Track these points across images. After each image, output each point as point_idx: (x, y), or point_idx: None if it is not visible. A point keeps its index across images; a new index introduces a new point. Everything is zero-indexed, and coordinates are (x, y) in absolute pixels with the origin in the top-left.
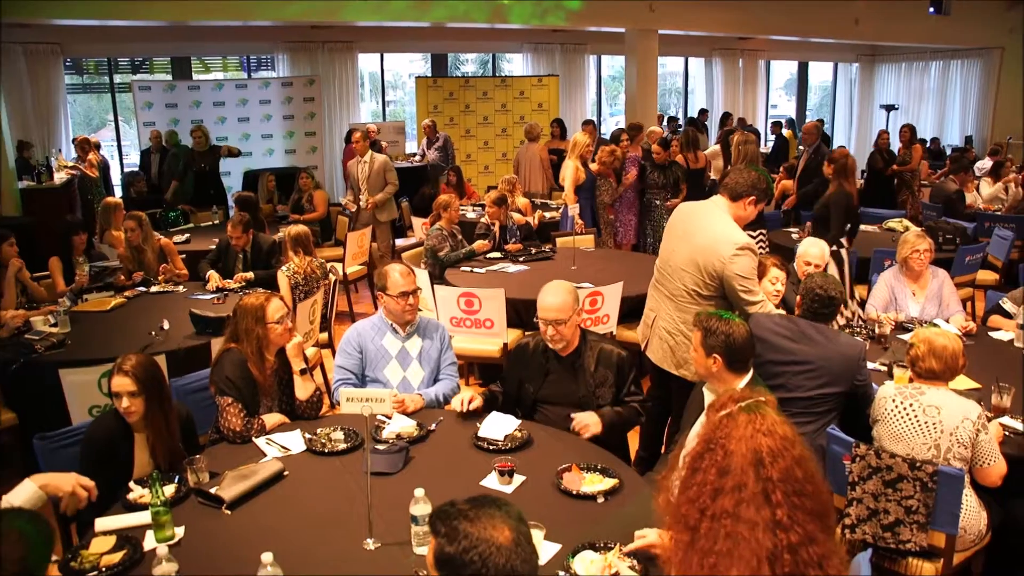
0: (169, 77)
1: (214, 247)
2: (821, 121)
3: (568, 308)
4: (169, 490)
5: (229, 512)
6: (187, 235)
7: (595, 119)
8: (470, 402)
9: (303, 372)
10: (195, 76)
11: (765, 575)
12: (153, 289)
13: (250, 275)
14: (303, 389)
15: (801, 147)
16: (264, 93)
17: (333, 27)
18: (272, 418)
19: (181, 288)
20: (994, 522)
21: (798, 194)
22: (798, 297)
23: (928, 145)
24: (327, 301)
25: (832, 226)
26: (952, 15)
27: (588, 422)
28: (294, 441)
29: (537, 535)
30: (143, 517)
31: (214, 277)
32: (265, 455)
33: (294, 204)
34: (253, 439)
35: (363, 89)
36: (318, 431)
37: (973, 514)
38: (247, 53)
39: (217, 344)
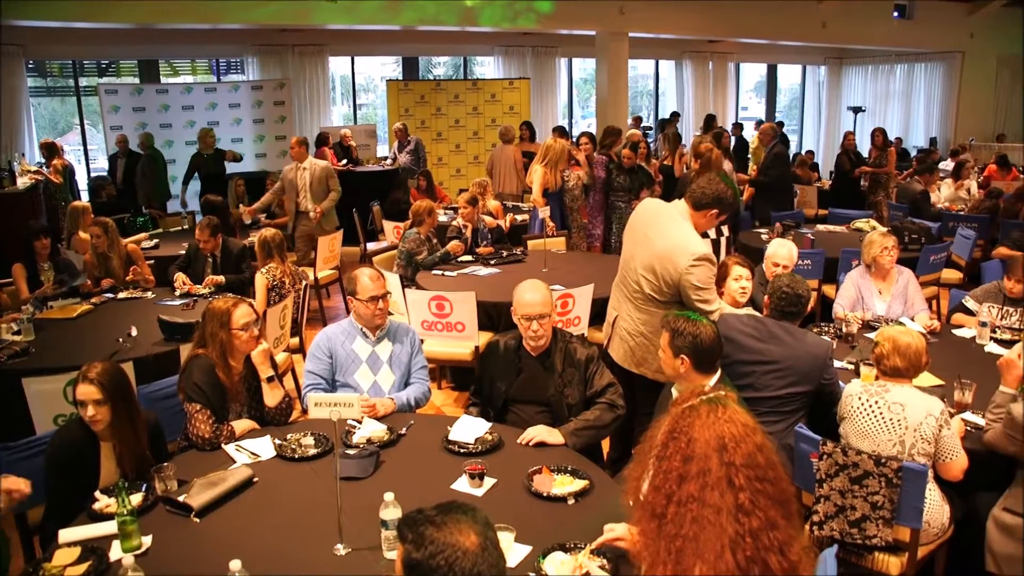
0: (137, 80)
1: (183, 252)
2: (781, 124)
3: (549, 302)
4: (136, 499)
5: (198, 520)
6: (155, 241)
7: (566, 122)
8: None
9: (270, 379)
10: (163, 79)
11: (727, 560)
12: (121, 295)
13: (220, 279)
14: (271, 396)
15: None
16: (234, 96)
17: (303, 30)
18: (242, 424)
19: (149, 294)
20: (957, 515)
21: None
22: (766, 297)
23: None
24: (298, 306)
25: None
26: (915, 19)
27: (533, 435)
28: (264, 447)
29: (507, 537)
30: (109, 527)
31: (181, 278)
32: (235, 462)
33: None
34: (222, 446)
35: (334, 92)
36: (288, 437)
37: (936, 508)
38: (216, 56)
39: (186, 350)
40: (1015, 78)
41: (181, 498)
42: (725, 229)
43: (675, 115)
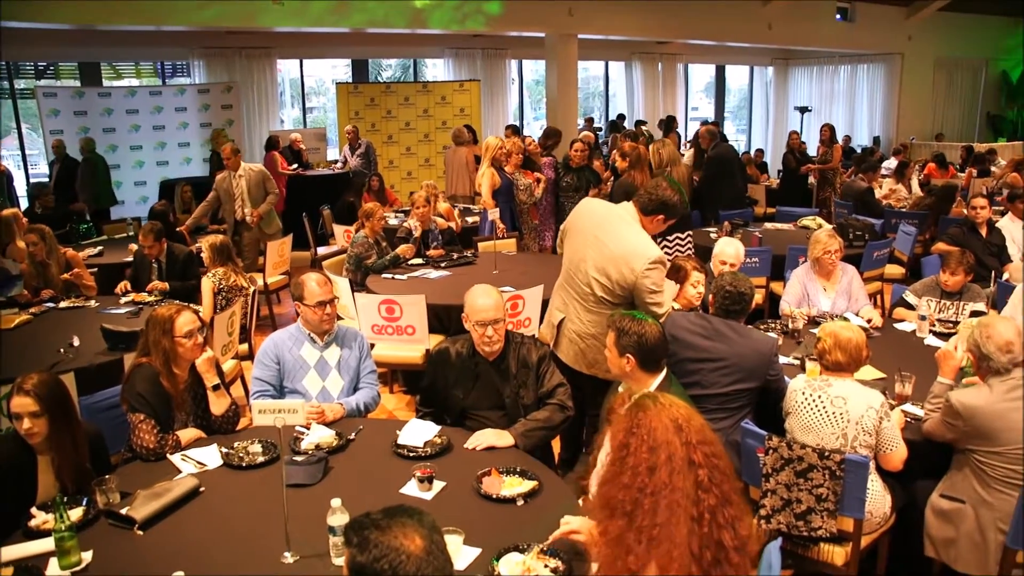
0: (77, 83)
1: (131, 259)
2: (716, 124)
3: (502, 307)
4: (76, 513)
5: (141, 532)
6: (99, 248)
7: (517, 123)
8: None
9: (216, 387)
10: (105, 82)
11: (693, 540)
12: (62, 304)
13: (164, 285)
14: (217, 404)
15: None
16: (180, 100)
17: (250, 32)
18: (187, 433)
19: (92, 303)
20: (898, 504)
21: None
22: (711, 296)
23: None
24: (246, 311)
25: None
26: (857, 22)
27: (481, 440)
28: (210, 456)
29: (456, 540)
30: (46, 544)
31: (123, 285)
32: (180, 472)
33: (212, 214)
34: (168, 456)
35: (284, 96)
36: (235, 445)
37: (878, 498)
38: (161, 59)
39: (131, 359)
40: (951, 80)
41: (124, 510)
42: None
43: (621, 117)
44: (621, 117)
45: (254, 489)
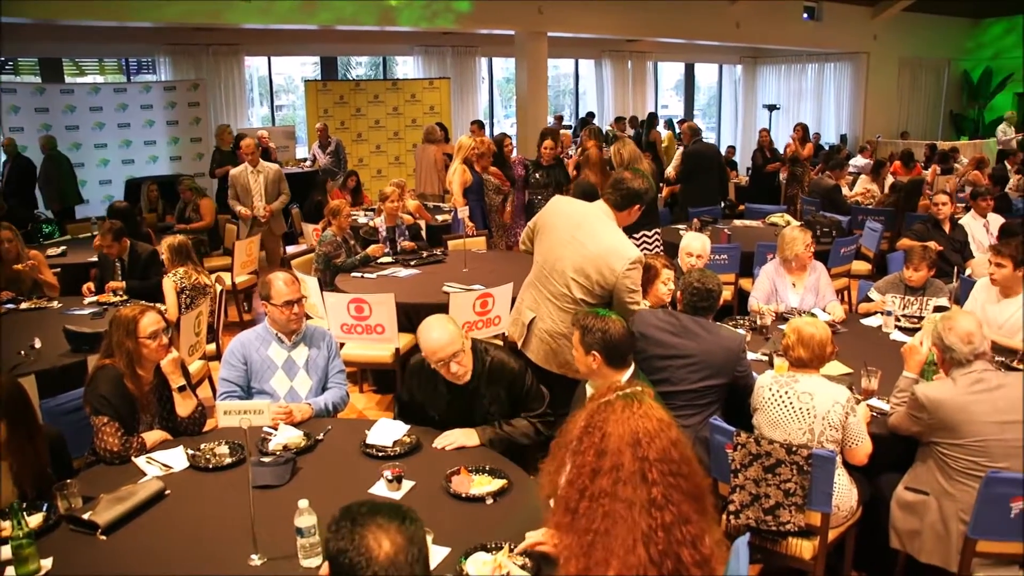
0: (38, 79)
1: (95, 259)
2: (681, 122)
3: (458, 337)
4: (35, 520)
5: (104, 537)
6: (63, 248)
7: (488, 121)
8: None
9: (182, 389)
10: (68, 79)
11: (639, 554)
12: (24, 306)
13: (122, 284)
14: (183, 406)
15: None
16: (145, 98)
17: (217, 29)
18: (153, 435)
19: (55, 304)
20: (864, 497)
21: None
22: (679, 293)
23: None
24: (214, 311)
25: None
26: (823, 21)
27: (451, 440)
28: (176, 458)
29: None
30: (3, 552)
31: (89, 288)
32: (145, 475)
33: (179, 213)
34: (132, 459)
35: (252, 93)
36: (202, 446)
37: (845, 492)
38: (126, 55)
39: (94, 361)
40: (915, 79)
41: (86, 516)
42: None
43: (591, 115)
44: (591, 115)
45: (221, 491)
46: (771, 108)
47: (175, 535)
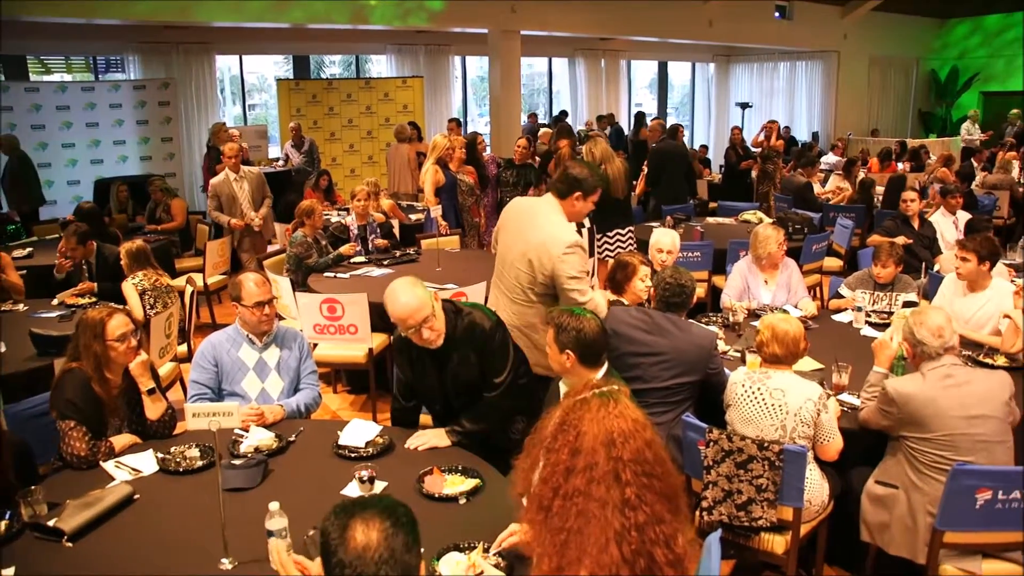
0: (1, 77)
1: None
2: (659, 119)
3: (427, 301)
4: None
5: (71, 544)
6: (29, 249)
7: (461, 120)
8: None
9: (151, 392)
10: (33, 77)
11: (612, 553)
12: None
13: (92, 285)
14: (153, 409)
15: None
16: (114, 96)
17: (187, 27)
18: (122, 439)
19: (21, 307)
20: (835, 492)
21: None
22: (652, 290)
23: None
24: (184, 313)
25: None
26: (794, 20)
27: (423, 440)
28: (146, 462)
29: None
30: None
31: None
32: (114, 479)
33: (150, 214)
34: (101, 463)
35: (224, 92)
36: (172, 450)
37: (816, 487)
38: (94, 53)
39: (61, 365)
40: (885, 77)
41: (51, 522)
42: (587, 222)
43: (564, 113)
44: (564, 113)
45: (191, 495)
46: (744, 106)
47: (144, 540)
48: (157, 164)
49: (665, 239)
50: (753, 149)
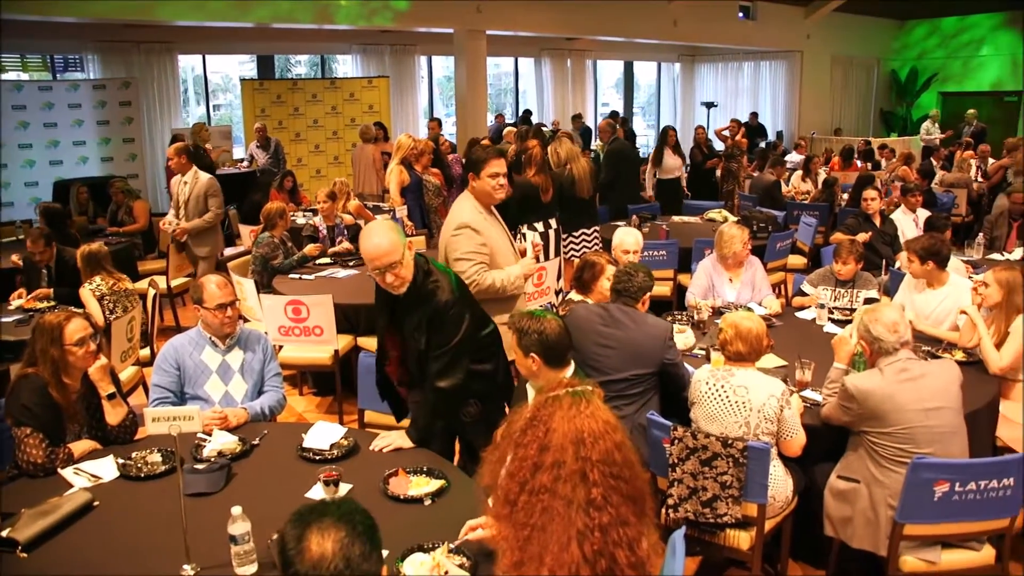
0: None
1: (19, 265)
2: (615, 114)
3: (398, 247)
4: None
5: (25, 555)
6: None
7: (427, 119)
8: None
9: (111, 396)
10: None
11: (573, 552)
12: None
13: (48, 291)
14: (113, 414)
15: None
16: (73, 96)
17: (149, 26)
18: (80, 446)
19: None
20: (799, 487)
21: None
22: (610, 284)
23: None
24: (147, 316)
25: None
26: (758, 20)
27: (388, 442)
28: (106, 468)
29: None
30: None
31: (21, 294)
32: (72, 486)
33: (112, 216)
34: (59, 470)
35: (188, 92)
36: (133, 455)
37: (780, 483)
38: (51, 52)
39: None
40: (847, 77)
41: (4, 532)
42: (553, 222)
43: (528, 112)
44: (528, 112)
45: (153, 500)
46: (709, 105)
47: (104, 548)
48: (119, 165)
49: (628, 239)
50: (718, 140)
